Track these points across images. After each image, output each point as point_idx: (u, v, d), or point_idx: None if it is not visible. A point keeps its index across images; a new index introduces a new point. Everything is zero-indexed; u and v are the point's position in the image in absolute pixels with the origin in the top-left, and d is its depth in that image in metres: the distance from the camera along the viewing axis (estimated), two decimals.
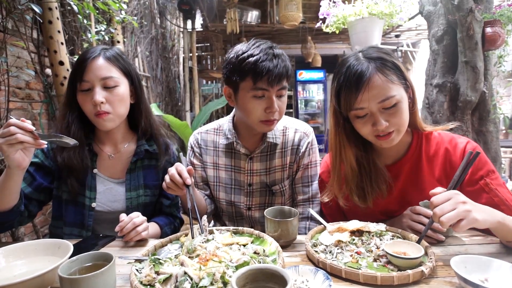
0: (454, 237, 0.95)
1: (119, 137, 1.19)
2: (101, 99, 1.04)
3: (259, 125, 1.10)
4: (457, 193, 0.75)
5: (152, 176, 1.21)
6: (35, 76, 2.24)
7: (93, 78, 1.04)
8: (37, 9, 1.60)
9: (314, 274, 0.73)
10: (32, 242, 0.83)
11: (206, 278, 0.67)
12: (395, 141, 0.94)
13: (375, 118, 0.90)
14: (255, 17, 5.25)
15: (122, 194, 1.16)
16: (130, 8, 3.44)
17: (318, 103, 7.53)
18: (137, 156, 1.18)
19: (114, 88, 1.07)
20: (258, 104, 1.06)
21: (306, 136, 1.24)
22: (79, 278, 0.61)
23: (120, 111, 1.10)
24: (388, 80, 0.88)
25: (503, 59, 2.21)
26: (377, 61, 0.90)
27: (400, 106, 0.90)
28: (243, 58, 1.02)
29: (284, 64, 1.04)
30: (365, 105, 0.90)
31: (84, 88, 1.05)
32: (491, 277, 0.67)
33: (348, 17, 2.25)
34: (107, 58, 1.08)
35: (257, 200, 1.25)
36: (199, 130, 1.30)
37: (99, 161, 1.16)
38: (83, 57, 1.07)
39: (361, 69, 0.89)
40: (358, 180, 1.02)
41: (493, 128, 2.15)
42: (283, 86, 1.06)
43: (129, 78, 1.13)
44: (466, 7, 1.93)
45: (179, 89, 4.97)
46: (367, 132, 0.94)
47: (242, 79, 1.04)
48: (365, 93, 0.88)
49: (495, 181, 0.92)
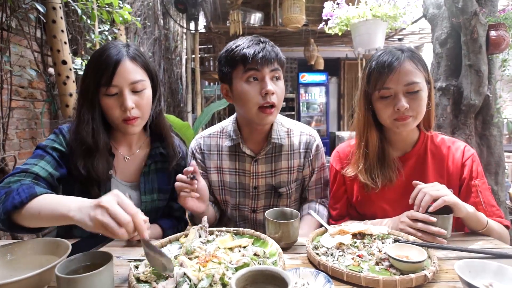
0: (457, 241, 0.94)
1: (135, 139, 1.15)
2: (132, 104, 0.98)
3: (258, 115, 1.07)
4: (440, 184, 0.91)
5: (165, 180, 1.18)
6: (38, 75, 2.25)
7: (122, 82, 0.98)
8: (41, 8, 1.61)
9: (315, 276, 0.72)
10: (30, 241, 0.82)
11: (205, 280, 0.66)
12: (410, 125, 1.02)
13: (398, 98, 1.00)
14: (258, 19, 5.26)
15: (136, 198, 1.11)
16: (134, 9, 3.45)
17: (320, 106, 7.52)
18: (152, 159, 1.14)
19: (142, 91, 1.02)
20: (252, 88, 1.05)
21: (313, 139, 1.24)
22: (76, 278, 0.60)
23: (148, 113, 1.06)
24: (416, 68, 1.00)
25: (507, 62, 2.20)
26: (408, 52, 1.02)
27: (422, 94, 1.00)
28: (232, 49, 1.07)
29: (272, 49, 1.05)
30: (393, 86, 1.00)
31: (111, 92, 0.98)
32: (495, 282, 0.66)
33: (352, 19, 2.25)
34: (133, 59, 1.01)
35: (262, 203, 1.24)
36: (201, 135, 1.28)
37: (115, 164, 1.10)
38: (107, 59, 0.97)
39: (395, 54, 1.01)
40: (376, 160, 1.11)
41: (497, 132, 2.13)
42: (275, 67, 1.06)
43: (149, 75, 1.08)
44: (470, 10, 1.92)
45: (181, 90, 4.98)
46: (388, 114, 1.03)
47: (233, 68, 1.07)
48: (395, 74, 0.98)
49: (482, 185, 1.05)
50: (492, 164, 2.11)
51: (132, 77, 0.99)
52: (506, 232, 1.01)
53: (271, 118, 1.10)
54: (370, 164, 1.10)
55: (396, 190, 1.10)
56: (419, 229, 0.90)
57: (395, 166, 1.10)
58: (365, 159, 1.11)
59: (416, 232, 0.90)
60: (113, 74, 0.97)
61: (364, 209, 1.17)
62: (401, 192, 1.09)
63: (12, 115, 2.03)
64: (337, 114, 8.12)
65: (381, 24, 2.22)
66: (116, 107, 0.99)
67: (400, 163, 1.11)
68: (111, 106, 0.99)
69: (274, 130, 1.19)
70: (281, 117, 1.27)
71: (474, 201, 1.02)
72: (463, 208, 0.90)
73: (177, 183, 0.98)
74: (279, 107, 1.11)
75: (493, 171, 2.11)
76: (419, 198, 0.90)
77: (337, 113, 8.12)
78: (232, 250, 0.84)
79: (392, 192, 1.11)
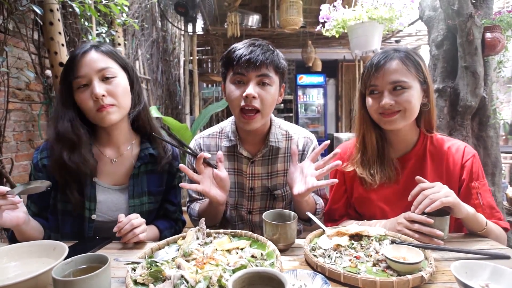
0: (454, 242, 0.94)
1: (122, 138, 1.12)
2: (101, 91, 0.97)
3: (239, 118, 1.08)
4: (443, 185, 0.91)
5: (156, 182, 1.16)
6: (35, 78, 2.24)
7: (89, 71, 0.98)
8: (38, 11, 1.61)
9: (312, 278, 0.72)
10: (26, 244, 0.82)
11: (203, 282, 0.66)
12: (398, 123, 1.03)
13: (383, 95, 1.03)
14: (256, 21, 5.27)
15: (125, 202, 1.09)
16: (132, 11, 3.45)
17: (318, 107, 7.54)
18: (141, 161, 1.11)
19: (114, 78, 1.01)
20: (237, 89, 1.07)
21: (311, 141, 1.25)
22: (73, 281, 0.60)
23: (124, 102, 1.04)
24: (406, 68, 1.01)
25: (502, 64, 2.21)
26: (402, 53, 1.05)
27: (410, 92, 1.01)
28: (228, 50, 1.10)
29: (263, 53, 1.04)
30: (379, 83, 1.03)
31: (80, 83, 0.98)
32: (491, 283, 0.66)
33: (348, 21, 2.26)
34: (100, 51, 1.02)
35: (258, 204, 1.24)
36: (201, 135, 1.28)
37: (100, 167, 1.08)
38: (73, 54, 1.01)
39: (386, 55, 1.04)
40: (375, 157, 1.13)
41: (493, 133, 2.14)
42: (263, 73, 1.05)
43: (125, 71, 1.07)
44: (466, 13, 1.93)
45: (180, 92, 4.97)
46: (373, 109, 1.06)
47: (227, 69, 1.10)
48: (381, 72, 1.02)
49: (482, 187, 1.05)
50: (488, 165, 2.12)
51: (98, 65, 0.99)
52: (504, 234, 1.01)
53: (253, 125, 1.08)
54: (369, 160, 1.12)
55: (395, 190, 1.11)
56: (416, 230, 0.90)
57: (394, 166, 1.11)
58: (364, 154, 1.13)
59: (413, 233, 0.91)
60: (79, 65, 0.98)
61: (363, 209, 1.18)
62: (400, 192, 1.10)
63: (9, 117, 2.02)
64: (335, 115, 8.14)
65: (377, 26, 2.23)
66: (88, 98, 0.99)
67: (400, 163, 1.12)
68: (84, 98, 0.99)
69: (272, 133, 1.19)
70: (279, 120, 1.27)
71: (474, 203, 1.02)
72: (463, 209, 0.90)
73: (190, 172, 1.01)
74: (265, 113, 1.08)
75: (490, 172, 2.12)
76: (418, 200, 0.90)
77: (335, 114, 8.14)
78: (230, 252, 0.84)
79: (391, 193, 1.12)
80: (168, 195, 1.22)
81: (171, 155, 1.18)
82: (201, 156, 1.00)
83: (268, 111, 1.09)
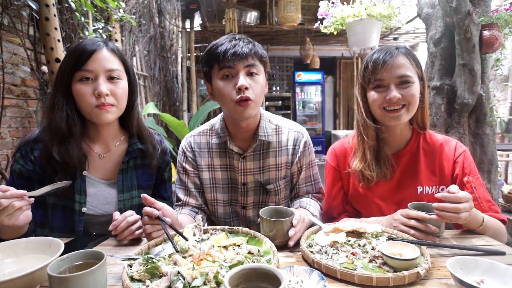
0: (449, 238, 0.95)
1: (111, 135, 1.13)
2: (106, 90, 0.99)
3: (235, 109, 1.07)
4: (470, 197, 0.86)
5: (145, 176, 1.18)
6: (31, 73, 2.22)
7: (98, 68, 0.99)
8: (34, 6, 1.59)
9: (309, 274, 0.72)
10: (22, 240, 0.81)
11: (199, 278, 0.66)
12: (402, 118, 1.05)
13: (390, 89, 1.04)
14: (254, 18, 5.25)
15: (115, 196, 1.11)
16: (129, 7, 3.42)
17: (316, 104, 7.53)
18: (129, 156, 1.13)
19: (118, 81, 1.04)
20: (227, 84, 1.06)
21: (302, 135, 1.24)
22: (69, 277, 0.60)
23: (123, 104, 1.07)
24: (410, 63, 1.06)
25: (500, 62, 2.22)
26: (403, 49, 1.08)
27: (414, 86, 1.04)
28: (208, 49, 1.09)
29: (245, 45, 1.05)
30: (386, 77, 1.04)
31: (85, 76, 0.99)
32: (487, 279, 0.67)
33: (347, 18, 2.25)
34: (111, 50, 1.04)
35: (251, 199, 1.25)
36: (191, 133, 1.28)
37: (89, 162, 1.09)
38: (84, 47, 1.00)
39: (389, 50, 1.07)
40: (373, 154, 1.13)
41: (490, 131, 2.15)
42: (250, 63, 1.06)
43: (127, 74, 1.10)
44: (464, 10, 1.93)
45: (177, 89, 4.95)
46: (378, 103, 1.06)
47: (211, 67, 1.09)
48: (389, 66, 1.04)
49: (476, 181, 1.07)
50: (485, 163, 2.14)
51: (108, 65, 1.01)
52: (503, 227, 1.01)
53: (250, 111, 1.08)
54: (369, 157, 1.13)
55: (390, 186, 1.13)
56: (412, 226, 0.90)
57: (389, 163, 1.12)
58: (364, 151, 1.13)
59: (408, 229, 0.91)
60: (89, 58, 0.98)
61: (359, 205, 1.19)
62: (394, 188, 1.12)
63: (4, 114, 2.00)
64: (333, 113, 8.14)
65: (376, 24, 2.22)
66: (89, 93, 0.99)
67: (394, 160, 1.13)
68: (84, 92, 0.99)
69: (261, 127, 1.19)
70: (269, 114, 1.27)
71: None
72: (474, 222, 0.94)
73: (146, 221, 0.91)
74: (257, 101, 1.10)
75: (486, 169, 2.13)
76: (447, 207, 0.84)
77: (333, 112, 8.14)
78: (227, 249, 0.84)
79: (386, 188, 1.13)
80: (159, 190, 1.24)
81: (159, 149, 1.20)
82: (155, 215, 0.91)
83: (259, 100, 1.11)
